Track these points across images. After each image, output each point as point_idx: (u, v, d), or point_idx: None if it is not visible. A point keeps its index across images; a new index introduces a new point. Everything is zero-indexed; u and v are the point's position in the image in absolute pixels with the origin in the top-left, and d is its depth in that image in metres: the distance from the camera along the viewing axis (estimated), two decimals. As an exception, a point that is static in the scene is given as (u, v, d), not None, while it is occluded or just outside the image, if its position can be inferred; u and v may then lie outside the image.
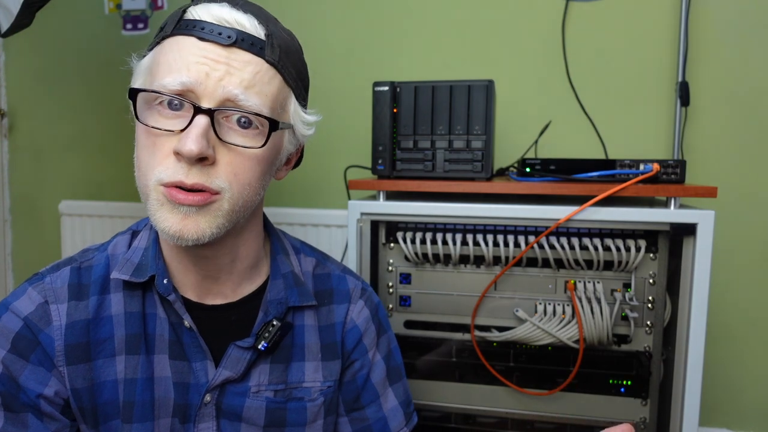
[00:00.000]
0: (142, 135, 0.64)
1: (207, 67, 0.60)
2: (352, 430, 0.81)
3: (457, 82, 1.12)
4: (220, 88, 0.60)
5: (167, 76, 0.61)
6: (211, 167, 0.61)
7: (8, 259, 2.16)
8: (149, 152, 0.62)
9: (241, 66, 0.61)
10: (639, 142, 1.59)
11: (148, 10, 1.92)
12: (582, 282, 1.08)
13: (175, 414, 0.70)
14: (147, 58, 0.67)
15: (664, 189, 1.03)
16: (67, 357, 0.66)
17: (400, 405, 0.83)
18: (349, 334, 0.80)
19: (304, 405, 0.75)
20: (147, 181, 0.62)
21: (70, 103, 2.03)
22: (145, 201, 0.63)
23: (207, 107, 0.60)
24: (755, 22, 1.50)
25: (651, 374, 1.08)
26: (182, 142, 0.58)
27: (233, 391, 0.72)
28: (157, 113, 0.62)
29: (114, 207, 1.97)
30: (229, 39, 0.61)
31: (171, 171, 0.60)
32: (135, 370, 0.69)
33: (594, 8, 1.58)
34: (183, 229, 0.61)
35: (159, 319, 0.70)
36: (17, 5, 1.26)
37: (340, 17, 1.74)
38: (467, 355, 1.15)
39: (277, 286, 0.75)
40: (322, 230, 1.75)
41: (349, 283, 0.83)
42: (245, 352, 0.71)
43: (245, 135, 0.62)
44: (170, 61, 0.61)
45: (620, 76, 1.58)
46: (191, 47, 0.61)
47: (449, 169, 1.13)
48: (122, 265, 0.70)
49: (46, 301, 0.67)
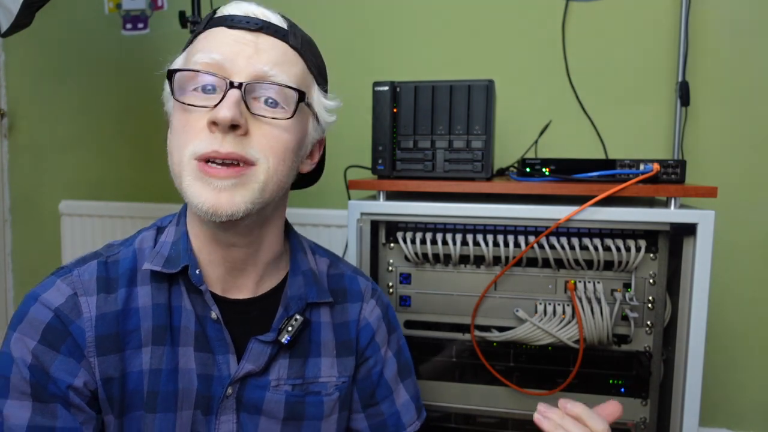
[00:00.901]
0: (176, 117, 0.67)
1: (237, 47, 0.65)
2: (368, 425, 0.83)
3: (457, 82, 1.12)
4: (250, 65, 0.64)
5: (202, 60, 0.65)
6: (244, 137, 0.64)
7: (8, 259, 2.16)
8: (183, 131, 0.65)
9: (268, 48, 0.66)
10: (639, 142, 1.59)
11: (148, 10, 1.92)
12: (582, 282, 1.08)
13: (198, 406, 0.71)
14: (180, 56, 0.71)
15: (664, 189, 1.03)
16: (98, 348, 0.67)
17: (412, 399, 0.86)
18: (362, 332, 0.83)
19: (321, 399, 0.77)
20: (181, 157, 0.64)
21: (70, 103, 2.03)
22: (179, 180, 0.65)
23: (239, 82, 0.63)
24: (755, 22, 1.50)
25: (651, 374, 1.08)
26: (216, 110, 0.62)
27: (254, 384, 0.73)
28: (191, 96, 0.65)
29: (114, 207, 1.97)
30: (256, 25, 0.66)
31: (206, 142, 0.63)
32: (160, 361, 0.70)
33: (594, 8, 1.58)
34: (217, 203, 0.63)
35: (185, 311, 0.72)
36: (17, 5, 1.25)
37: (340, 17, 1.74)
38: (467, 355, 1.15)
39: (297, 283, 0.77)
40: (322, 230, 1.75)
41: (360, 283, 0.86)
42: (266, 347, 0.73)
43: (274, 112, 0.66)
44: (202, 48, 0.66)
45: (620, 76, 1.58)
46: (221, 35, 0.66)
47: (449, 169, 1.13)
48: (153, 257, 0.71)
49: (75, 293, 0.68)
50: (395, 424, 0.84)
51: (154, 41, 1.91)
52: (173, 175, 0.67)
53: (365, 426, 0.83)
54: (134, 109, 1.96)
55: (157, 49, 1.90)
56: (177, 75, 0.66)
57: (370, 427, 0.83)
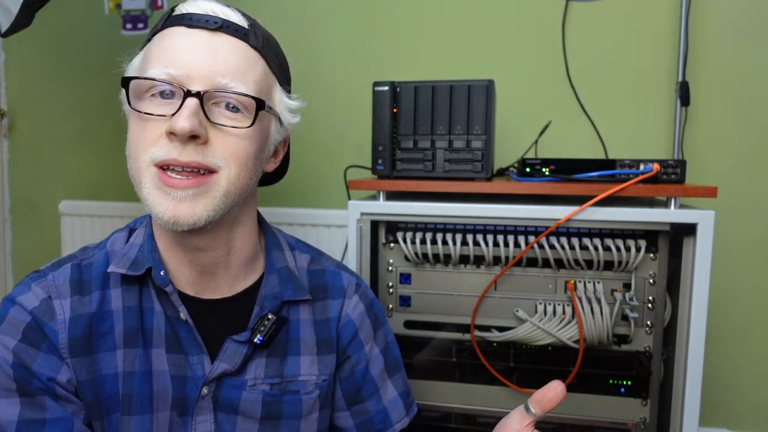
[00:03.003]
0: (133, 124, 0.66)
1: (196, 53, 0.63)
2: (354, 423, 0.82)
3: (457, 82, 1.12)
4: (209, 74, 0.63)
5: (157, 65, 0.63)
6: (204, 146, 0.63)
7: (8, 259, 2.16)
8: (140, 137, 0.64)
9: (228, 54, 0.64)
10: (639, 142, 1.59)
11: (148, 9, 1.92)
12: (582, 282, 1.08)
13: (174, 407, 0.71)
14: (138, 56, 0.70)
15: (664, 189, 1.03)
16: (71, 349, 0.67)
17: (400, 396, 0.84)
18: (344, 329, 0.81)
19: (300, 398, 0.76)
20: (139, 163, 0.63)
21: (70, 103, 2.03)
22: (139, 186, 0.64)
23: (196, 90, 0.62)
24: (755, 22, 1.50)
25: (651, 374, 1.08)
26: (174, 120, 0.60)
27: (230, 384, 0.73)
28: (148, 102, 0.64)
29: (114, 207, 1.97)
30: (216, 24, 0.64)
31: (164, 150, 0.62)
32: (133, 363, 0.69)
33: (594, 8, 1.58)
34: (178, 213, 0.62)
35: (155, 313, 0.71)
36: (17, 5, 1.25)
37: (340, 17, 1.74)
38: (467, 355, 1.15)
39: (272, 281, 0.76)
40: (322, 230, 1.75)
41: (343, 278, 0.84)
42: (241, 346, 0.72)
43: (234, 118, 0.65)
44: (160, 49, 0.64)
45: (620, 76, 1.58)
46: (180, 35, 0.64)
47: (449, 169, 1.13)
48: (119, 260, 0.71)
49: (49, 296, 0.68)
50: (382, 421, 0.82)
51: (154, 41, 1.90)
52: (133, 181, 0.66)
53: (351, 424, 0.82)
54: (134, 109, 1.96)
55: (157, 49, 1.90)
56: (132, 83, 0.64)
57: (356, 425, 0.82)
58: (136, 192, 0.66)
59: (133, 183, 0.66)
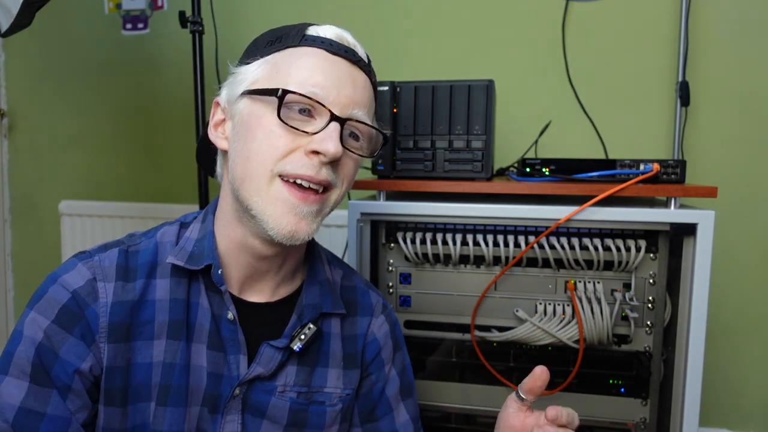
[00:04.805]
0: (262, 126, 0.67)
1: (341, 81, 0.68)
2: None
3: (457, 82, 1.12)
4: (349, 103, 0.68)
5: (304, 83, 0.66)
6: (334, 166, 0.68)
7: (8, 259, 2.16)
8: (271, 146, 0.66)
9: (362, 88, 0.70)
10: (639, 142, 1.59)
11: (148, 10, 1.92)
12: (582, 282, 1.08)
13: (205, 403, 0.72)
14: (265, 65, 0.70)
15: (664, 189, 1.03)
16: (110, 334, 0.68)
17: (411, 420, 0.85)
18: (369, 346, 0.83)
19: (324, 409, 0.77)
20: (263, 170, 0.66)
21: (70, 103, 2.03)
22: (252, 192, 0.66)
23: (340, 116, 0.66)
24: (755, 22, 1.50)
25: (651, 374, 1.08)
26: (324, 142, 0.64)
27: (261, 388, 0.74)
28: (290, 115, 0.67)
29: (114, 207, 1.97)
30: (355, 56, 0.70)
31: (301, 165, 0.65)
32: (174, 355, 0.70)
33: (594, 8, 1.58)
34: (297, 230, 0.66)
35: (201, 309, 0.72)
36: (17, 5, 1.26)
37: (340, 17, 1.74)
38: (467, 355, 1.15)
39: (313, 292, 0.79)
40: (322, 230, 1.75)
41: (371, 298, 0.87)
42: (277, 352, 0.74)
43: (359, 147, 0.71)
44: (303, 67, 0.67)
45: (620, 76, 1.58)
46: (323, 58, 0.68)
47: (449, 169, 1.13)
48: (177, 252, 0.72)
49: (94, 277, 0.69)
50: None
51: (154, 41, 1.91)
52: (241, 180, 0.67)
53: None
54: (134, 109, 1.96)
55: (157, 49, 1.90)
56: (288, 95, 0.65)
57: None
58: (234, 191, 0.69)
59: (239, 183, 0.68)
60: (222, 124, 0.73)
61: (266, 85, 0.67)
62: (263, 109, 0.67)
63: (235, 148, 0.69)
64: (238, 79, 0.71)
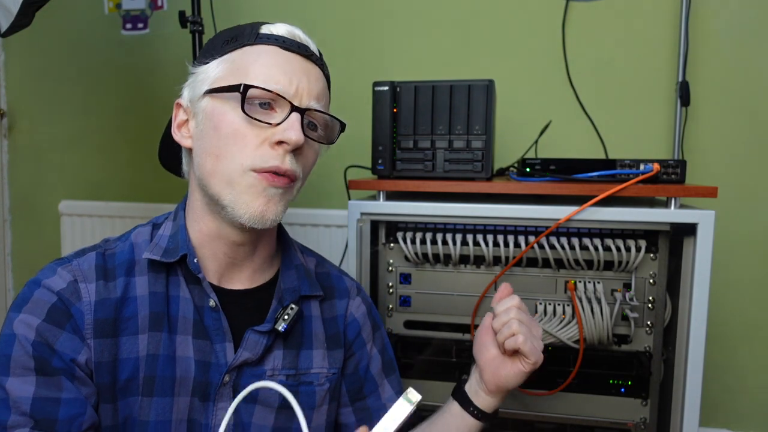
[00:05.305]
0: (229, 126, 0.70)
1: (296, 74, 0.71)
2: (356, 419, 0.86)
3: (457, 82, 1.12)
4: (305, 95, 0.71)
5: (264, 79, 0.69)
6: (297, 156, 0.71)
7: (8, 259, 2.16)
8: (238, 142, 0.69)
9: (316, 80, 0.74)
10: (639, 142, 1.59)
11: (148, 10, 1.92)
12: (582, 282, 1.08)
13: (195, 393, 0.73)
14: (223, 63, 0.72)
15: (664, 189, 1.03)
16: (95, 330, 0.69)
17: (396, 395, 0.89)
18: (350, 327, 0.87)
19: (314, 389, 0.80)
20: (234, 166, 0.69)
21: (70, 103, 2.03)
22: (227, 188, 0.69)
23: (302, 106, 0.70)
24: (755, 22, 1.50)
25: (651, 374, 1.08)
26: (287, 132, 0.68)
27: (250, 373, 0.76)
28: (253, 109, 0.69)
29: (114, 207, 1.97)
30: (307, 51, 0.73)
31: (266, 158, 0.69)
32: (157, 347, 0.72)
33: (594, 8, 1.58)
34: (266, 211, 0.70)
35: (183, 300, 0.74)
36: (17, 5, 1.26)
37: (340, 17, 1.74)
38: (467, 355, 1.15)
39: (290, 276, 0.82)
40: (322, 230, 1.75)
41: (346, 281, 0.91)
42: (262, 337, 0.76)
43: (318, 136, 0.75)
44: (261, 64, 0.70)
45: (620, 76, 1.58)
46: (277, 54, 0.71)
47: (449, 169, 1.13)
48: (152, 248, 0.74)
49: (75, 279, 0.70)
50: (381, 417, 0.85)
51: (154, 41, 1.91)
52: (210, 175, 0.70)
53: (353, 420, 0.86)
54: (134, 109, 1.96)
55: (157, 49, 1.90)
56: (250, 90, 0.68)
57: (358, 421, 0.86)
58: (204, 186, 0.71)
59: (213, 182, 0.70)
60: (185, 124, 0.75)
61: (227, 83, 0.70)
62: (225, 106, 0.70)
63: (200, 145, 0.72)
64: (199, 79, 0.73)
